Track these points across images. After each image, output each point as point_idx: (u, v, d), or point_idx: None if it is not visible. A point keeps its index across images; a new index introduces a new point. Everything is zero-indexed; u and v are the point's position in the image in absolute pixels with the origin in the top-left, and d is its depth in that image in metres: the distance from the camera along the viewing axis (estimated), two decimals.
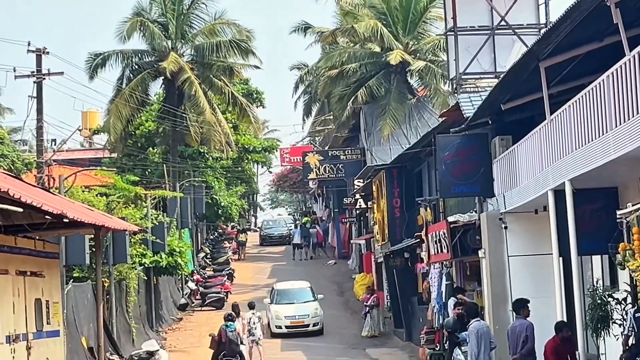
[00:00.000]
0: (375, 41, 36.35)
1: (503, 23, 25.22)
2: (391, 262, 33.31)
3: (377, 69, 36.75)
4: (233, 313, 24.51)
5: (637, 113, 12.11)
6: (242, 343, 23.65)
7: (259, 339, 26.18)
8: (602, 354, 17.29)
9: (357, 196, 39.20)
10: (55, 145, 31.81)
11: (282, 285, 34.50)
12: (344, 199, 44.46)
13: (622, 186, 16.96)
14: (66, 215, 14.06)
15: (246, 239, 57.68)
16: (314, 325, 31.07)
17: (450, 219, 24.94)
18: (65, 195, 22.17)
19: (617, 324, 15.69)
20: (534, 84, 17.62)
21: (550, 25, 18.16)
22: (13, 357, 14.51)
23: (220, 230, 56.28)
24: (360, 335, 32.63)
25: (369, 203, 36.90)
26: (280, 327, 31.04)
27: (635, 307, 14.61)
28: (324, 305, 33.52)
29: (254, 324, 26.16)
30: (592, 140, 14.52)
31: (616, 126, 13.21)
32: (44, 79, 26.31)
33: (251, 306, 27.40)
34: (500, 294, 21.89)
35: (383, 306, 34.62)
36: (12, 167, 26.99)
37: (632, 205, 14.49)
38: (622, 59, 12.54)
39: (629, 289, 15.54)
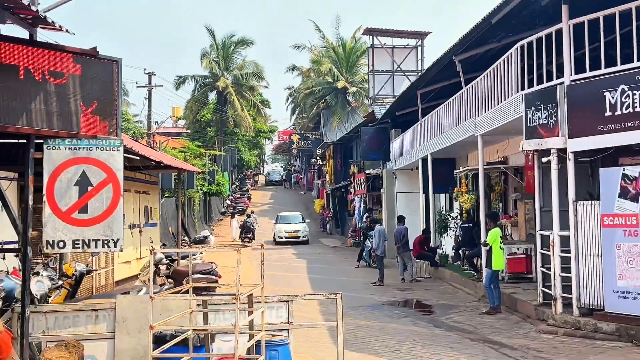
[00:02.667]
0: (330, 76, 54.35)
1: (399, 68, 33.57)
2: (334, 193, 51.11)
3: (331, 91, 54.53)
4: (249, 214, 40.88)
5: (462, 122, 19.27)
6: (252, 228, 38.16)
7: (255, 227, 40.21)
8: (442, 245, 24.95)
9: (318, 158, 63.51)
10: (157, 124, 48.27)
11: (284, 213, 42.96)
12: (311, 159, 71.40)
13: (457, 157, 24.46)
14: (162, 162, 18.58)
15: (258, 179, 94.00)
16: (303, 237, 38.82)
17: (367, 172, 36.43)
18: (162, 151, 31.43)
19: (451, 229, 23.90)
20: (414, 102, 25.39)
21: (423, 71, 26.07)
22: (132, 235, 19.37)
23: (244, 174, 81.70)
24: (319, 234, 46.42)
25: (324, 162, 58.02)
26: (281, 238, 38.39)
27: (461, 222, 21.88)
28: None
29: (254, 220, 40.37)
30: (442, 133, 21.79)
31: (453, 127, 20.44)
32: (152, 88, 39.07)
33: (252, 213, 43.35)
34: (391, 212, 30.66)
35: (328, 215, 50.61)
36: (133, 135, 41.05)
37: (462, 168, 21.77)
38: (459, 91, 19.70)
39: (458, 211, 23.26)
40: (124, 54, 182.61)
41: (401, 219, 23.96)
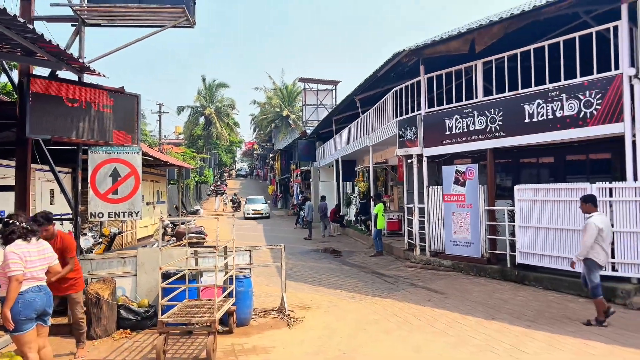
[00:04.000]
0: (278, 107, 52.79)
1: (321, 103, 34.08)
2: (281, 182, 49.17)
3: (278, 117, 52.67)
4: (235, 194, 40.53)
5: (360, 137, 19.49)
6: (238, 202, 39.83)
7: (240, 202, 40.74)
8: (347, 214, 24.95)
9: (271, 160, 61.15)
10: (165, 137, 48.22)
11: (252, 197, 39.34)
12: (266, 160, 69.20)
13: (357, 159, 24.29)
14: (168, 161, 19.71)
15: (232, 173, 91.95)
16: (265, 214, 35.51)
17: (301, 168, 35.72)
18: (168, 155, 30.53)
19: (353, 204, 24.09)
20: (331, 124, 25.62)
21: (336, 105, 25.80)
22: (148, 209, 19.38)
23: (223, 169, 78.70)
24: (272, 208, 44.19)
25: (274, 162, 55.93)
26: (249, 214, 35.19)
27: (359, 199, 22.16)
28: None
29: (227, 197, 40.85)
30: (348, 144, 21.99)
31: (355, 140, 20.75)
32: (162, 114, 38.83)
33: (236, 194, 44.08)
34: (316, 194, 30.53)
35: (277, 196, 49.90)
36: (149, 145, 38.59)
37: (360, 166, 22.49)
38: (358, 118, 20.07)
39: (357, 193, 23.29)
40: (143, 89, 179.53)
41: (323, 198, 23.98)
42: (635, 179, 8.58)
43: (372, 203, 17.44)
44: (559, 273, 9.61)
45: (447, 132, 12.32)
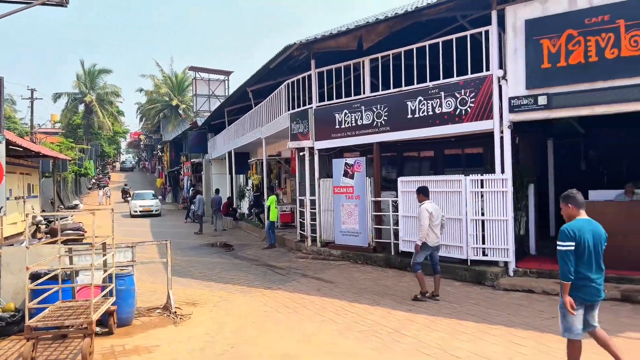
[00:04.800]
0: (167, 96, 50.39)
1: (213, 94, 32.70)
2: (170, 174, 46.75)
3: (167, 107, 50.16)
4: (126, 184, 39.14)
5: (253, 129, 19.21)
6: (130, 192, 36.78)
7: (132, 192, 37.29)
8: (241, 207, 24.43)
9: (159, 151, 57.42)
10: (39, 126, 42.92)
11: (140, 191, 35.18)
12: (154, 152, 64.81)
13: (250, 151, 23.97)
14: (40, 152, 17.94)
15: (116, 165, 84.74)
16: (156, 211, 31.04)
17: (192, 160, 34.09)
18: (42, 145, 27.59)
19: (246, 197, 23.80)
20: (223, 115, 24.79)
21: (228, 96, 24.99)
22: (17, 204, 17.33)
23: (106, 161, 73.90)
24: (160, 202, 40.71)
25: (163, 153, 52.82)
26: (136, 212, 30.50)
27: (253, 192, 21.80)
28: None
29: (109, 190, 38.13)
30: (241, 136, 21.63)
31: (247, 133, 20.53)
32: (34, 100, 33.79)
33: (126, 185, 42.45)
34: (208, 187, 29.57)
35: (166, 189, 47.44)
36: (20, 134, 34.69)
37: (253, 158, 22.27)
38: (251, 110, 19.79)
39: (250, 186, 23.17)
40: (13, 73, 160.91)
41: (217, 191, 23.40)
42: (503, 171, 9.43)
43: (266, 195, 17.39)
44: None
45: (337, 126, 12.62)
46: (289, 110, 14.84)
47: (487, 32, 9.74)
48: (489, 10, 9.77)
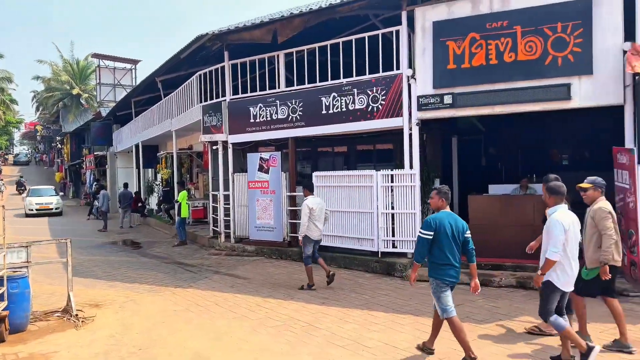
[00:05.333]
0: (67, 84, 46.21)
1: (119, 83, 31.36)
2: (71, 168, 43.85)
3: (68, 95, 45.94)
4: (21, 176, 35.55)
5: (162, 121, 18.43)
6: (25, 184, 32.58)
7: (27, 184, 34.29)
8: (149, 202, 23.53)
9: (58, 143, 52.54)
10: None
11: (37, 187, 30.61)
12: (52, 144, 59.27)
13: (159, 144, 23.24)
14: None
15: (8, 158, 75.97)
16: (56, 209, 27.48)
17: (95, 153, 31.86)
18: None
19: (155, 192, 22.88)
20: (130, 106, 23.83)
21: (135, 85, 24.54)
22: None
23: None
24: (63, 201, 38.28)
25: (62, 146, 49.09)
26: (32, 210, 26.90)
27: (162, 187, 20.80)
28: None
29: (3, 184, 34.63)
30: (149, 128, 20.83)
31: (156, 124, 19.72)
32: None
33: (22, 177, 38.91)
34: (113, 181, 28.44)
35: (67, 184, 44.87)
36: None
37: (162, 152, 21.52)
38: (161, 101, 18.95)
39: (159, 180, 22.27)
40: None
41: (126, 185, 21.98)
42: (411, 166, 9.84)
43: (176, 190, 16.84)
44: (350, 252, 10.54)
45: (252, 120, 12.50)
46: (201, 102, 14.44)
47: (397, 32, 10.08)
48: (399, 10, 10.11)
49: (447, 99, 9.37)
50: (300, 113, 11.56)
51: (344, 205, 10.62)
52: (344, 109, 10.71)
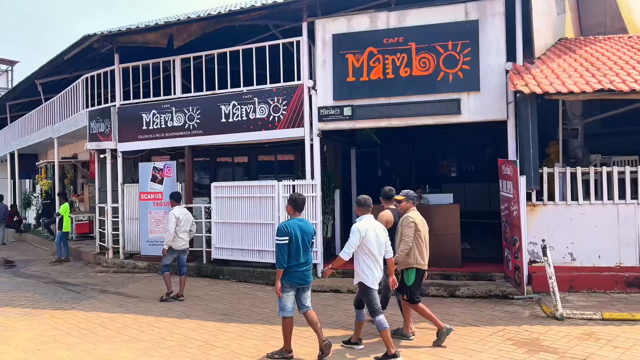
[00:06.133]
0: None
1: None
2: None
3: None
4: None
5: (42, 127, 17.11)
6: None
7: None
8: (26, 216, 21.63)
9: None
10: None
11: None
12: None
13: (39, 153, 21.47)
14: None
15: None
16: None
17: None
18: None
19: (33, 205, 20.92)
20: (4, 110, 21.52)
21: (11, 89, 22.03)
22: None
23: None
24: None
25: None
26: None
27: (42, 199, 18.92)
28: None
29: None
30: (27, 135, 19.19)
31: (35, 131, 18.24)
32: None
33: None
34: None
35: None
36: None
37: (42, 161, 19.50)
38: (41, 105, 17.65)
39: (39, 192, 20.34)
40: None
41: (1, 198, 19.68)
42: (313, 177, 9.83)
43: (57, 203, 15.43)
44: (250, 265, 10.26)
45: (145, 127, 11.81)
46: (87, 107, 13.39)
47: (298, 42, 10.10)
48: (300, 22, 10.14)
49: (347, 111, 9.52)
50: (197, 121, 11.12)
51: (244, 216, 10.33)
52: (245, 118, 10.48)
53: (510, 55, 8.83)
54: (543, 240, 7.53)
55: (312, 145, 9.85)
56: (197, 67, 11.53)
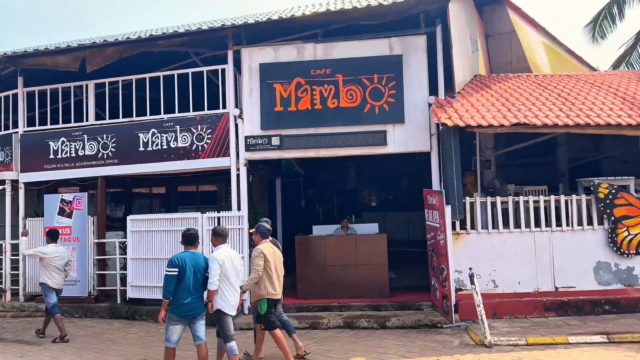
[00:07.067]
0: None
1: None
2: None
3: None
4: None
5: None
6: None
7: None
8: None
9: None
10: None
11: None
12: None
13: None
14: None
15: None
16: None
17: None
18: None
19: None
20: None
21: None
22: None
23: None
24: None
25: None
26: None
27: None
28: None
29: None
30: None
31: None
32: None
33: None
34: None
35: None
36: None
37: None
38: None
39: None
40: None
41: None
42: (239, 208, 9.48)
43: None
44: None
45: (52, 156, 10.86)
46: None
47: (223, 70, 9.85)
48: (223, 50, 9.94)
49: (275, 141, 9.35)
50: (113, 149, 10.40)
51: (164, 251, 9.66)
52: (165, 147, 9.95)
53: (432, 90, 9.17)
54: (470, 269, 7.69)
55: (238, 175, 9.53)
56: (113, 92, 10.86)
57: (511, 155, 10.91)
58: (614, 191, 8.48)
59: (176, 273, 5.66)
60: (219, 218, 9.42)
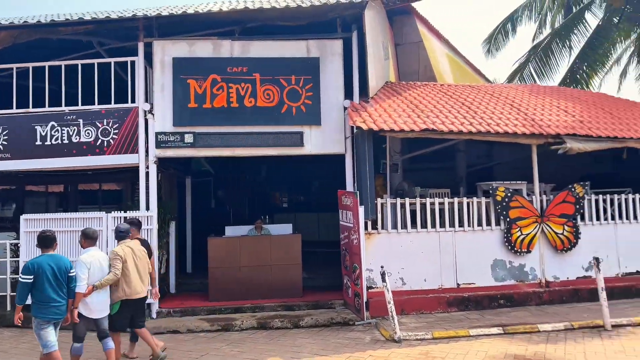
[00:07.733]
0: None
1: None
2: None
3: None
4: None
5: None
6: None
7: None
8: None
9: None
10: None
11: None
12: None
13: None
14: None
15: None
16: None
17: None
18: None
19: None
20: None
21: None
22: None
23: None
24: None
25: None
26: None
27: None
28: None
29: None
30: None
31: None
32: None
33: None
34: None
35: None
36: None
37: None
38: None
39: None
40: None
41: None
42: (148, 208, 9.06)
43: None
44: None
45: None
46: None
47: (133, 63, 9.37)
48: (132, 42, 9.49)
49: (188, 138, 9.07)
50: (4, 143, 9.45)
51: (64, 254, 8.87)
52: (66, 141, 9.24)
53: (348, 94, 9.39)
54: (382, 267, 7.97)
55: (147, 173, 9.11)
56: (5, 82, 9.88)
57: (415, 160, 11.49)
58: (509, 194, 9.21)
59: (31, 280, 5.57)
60: (125, 218, 8.91)
